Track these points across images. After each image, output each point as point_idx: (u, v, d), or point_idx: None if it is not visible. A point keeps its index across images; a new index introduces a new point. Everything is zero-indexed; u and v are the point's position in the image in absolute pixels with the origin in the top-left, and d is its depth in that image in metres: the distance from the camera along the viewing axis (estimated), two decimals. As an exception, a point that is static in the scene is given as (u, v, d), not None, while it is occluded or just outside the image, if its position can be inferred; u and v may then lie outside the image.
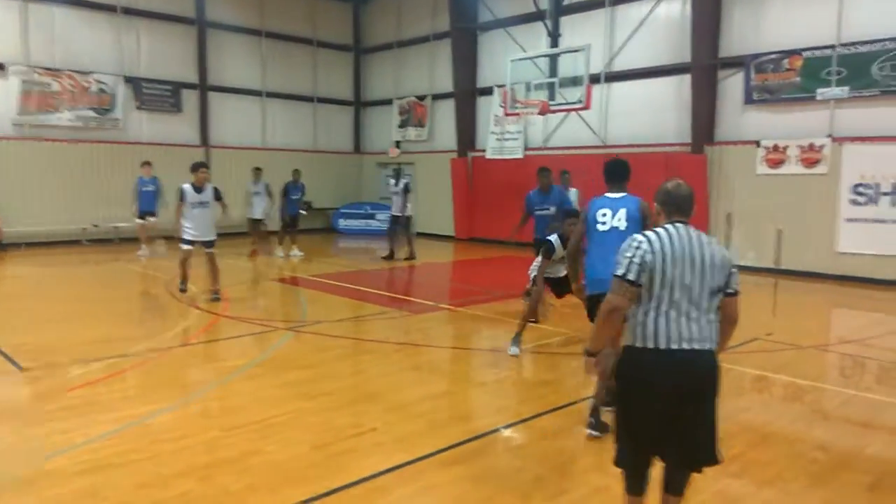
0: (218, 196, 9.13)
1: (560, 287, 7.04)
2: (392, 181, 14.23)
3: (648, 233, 2.91)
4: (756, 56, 12.59)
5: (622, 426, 3.02)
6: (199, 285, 9.45)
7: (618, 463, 3.07)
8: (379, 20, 20.80)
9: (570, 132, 15.71)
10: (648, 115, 14.31)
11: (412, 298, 10.12)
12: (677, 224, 2.93)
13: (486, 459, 4.12)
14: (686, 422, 2.86)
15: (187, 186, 8.88)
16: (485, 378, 6.09)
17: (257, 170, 14.35)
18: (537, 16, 14.64)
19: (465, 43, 17.78)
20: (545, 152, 16.11)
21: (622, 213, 4.76)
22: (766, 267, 12.50)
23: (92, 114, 16.06)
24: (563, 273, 6.62)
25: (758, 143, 12.63)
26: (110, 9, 16.23)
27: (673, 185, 3.02)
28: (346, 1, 20.88)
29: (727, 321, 2.97)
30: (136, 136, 16.85)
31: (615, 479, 3.20)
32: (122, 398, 5.17)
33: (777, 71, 12.36)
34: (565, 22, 14.38)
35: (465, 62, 17.80)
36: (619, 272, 2.85)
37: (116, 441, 4.24)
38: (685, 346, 2.80)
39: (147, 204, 13.77)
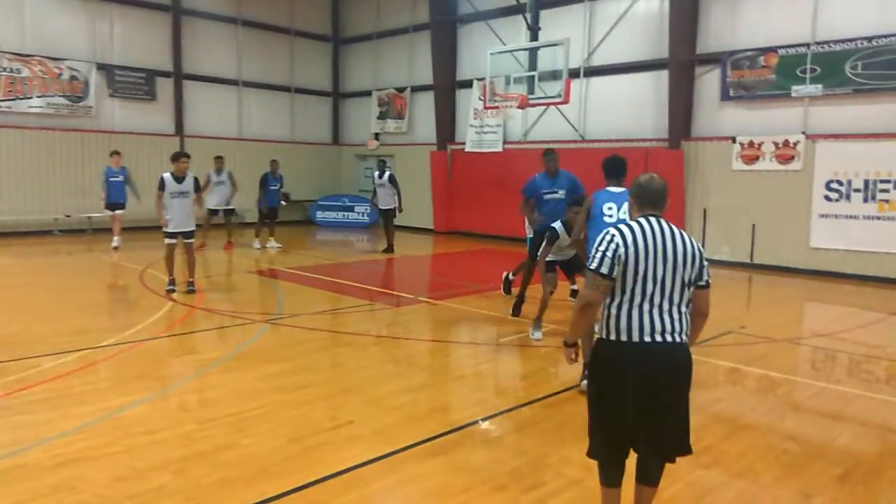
0: (197, 187, 9.06)
1: (570, 269, 7.34)
2: (376, 174, 14.09)
3: (621, 226, 2.93)
4: (733, 53, 12.72)
5: (596, 418, 3.04)
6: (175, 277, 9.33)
7: (592, 455, 3.09)
8: (358, 10, 20.63)
9: (550, 126, 15.76)
10: (627, 110, 14.40)
11: (391, 291, 10.10)
12: (650, 217, 2.95)
13: (464, 451, 4.13)
14: (659, 413, 2.89)
15: (167, 175, 8.73)
16: (463, 371, 6.10)
17: (219, 158, 13.90)
18: (517, 9, 14.63)
19: (444, 35, 17.72)
20: (524, 146, 16.16)
21: (626, 206, 4.95)
22: (741, 261, 12.70)
23: (64, 101, 15.74)
24: (571, 255, 6.95)
25: (733, 140, 12.79)
26: (83, -6, 15.89)
27: (646, 179, 3.04)
28: (324, -10, 20.68)
29: (698, 313, 3.01)
30: (108, 125, 16.55)
31: (590, 471, 3.23)
32: (95, 391, 5.09)
33: (753, 68, 12.51)
34: (545, 15, 14.38)
35: (445, 54, 17.75)
36: (593, 266, 2.88)
37: (90, 434, 4.18)
38: (658, 338, 2.83)
39: (117, 195, 13.37)
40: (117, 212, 13.35)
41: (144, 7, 17.00)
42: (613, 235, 2.88)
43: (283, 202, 14.23)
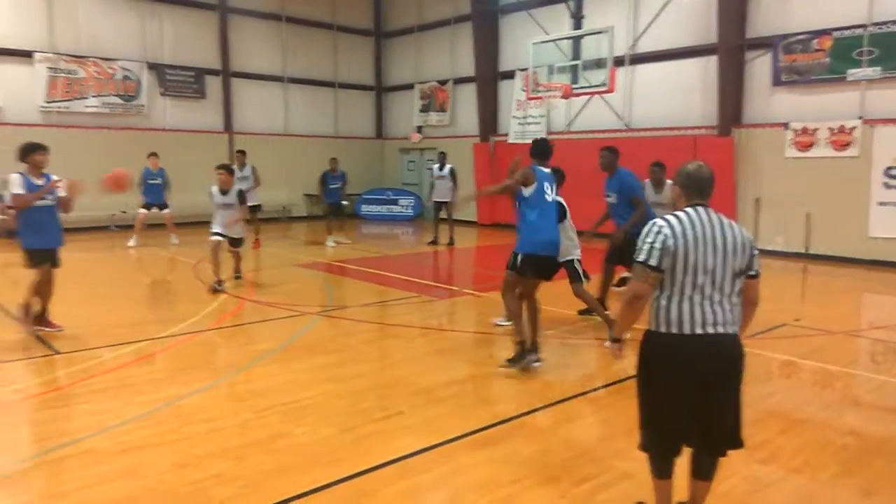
0: (242, 199, 9.03)
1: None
2: (436, 166, 14.09)
3: (669, 217, 2.87)
4: (784, 36, 12.33)
5: (647, 411, 3.02)
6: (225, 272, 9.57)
7: (644, 447, 3.07)
8: (400, 4, 20.70)
9: (594, 115, 15.57)
10: (674, 97, 14.11)
11: (436, 284, 10.16)
12: (698, 207, 2.90)
13: (513, 443, 4.14)
14: (712, 406, 2.85)
15: (214, 189, 8.95)
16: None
17: (240, 153, 13.61)
18: (560, -3, 14.46)
19: (486, 26, 17.65)
20: (568, 136, 15.99)
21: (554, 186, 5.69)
22: (795, 251, 12.34)
23: (117, 100, 16.27)
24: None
25: (786, 126, 12.41)
26: (134, -5, 16.36)
27: (694, 168, 2.97)
28: (366, -15, 20.81)
29: (749, 303, 2.98)
30: (160, 123, 17.04)
31: (641, 464, 3.20)
32: (154, 381, 5.28)
33: (806, 51, 12.10)
34: (589, 3, 14.19)
35: (487, 46, 17.67)
36: (641, 258, 2.83)
37: (151, 422, 4.34)
38: (710, 330, 2.79)
39: (154, 196, 13.56)
40: (154, 210, 13.53)
41: (192, 7, 17.41)
42: (662, 227, 2.82)
43: (344, 202, 14.12)
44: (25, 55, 14.98)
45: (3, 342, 6.28)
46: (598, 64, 12.45)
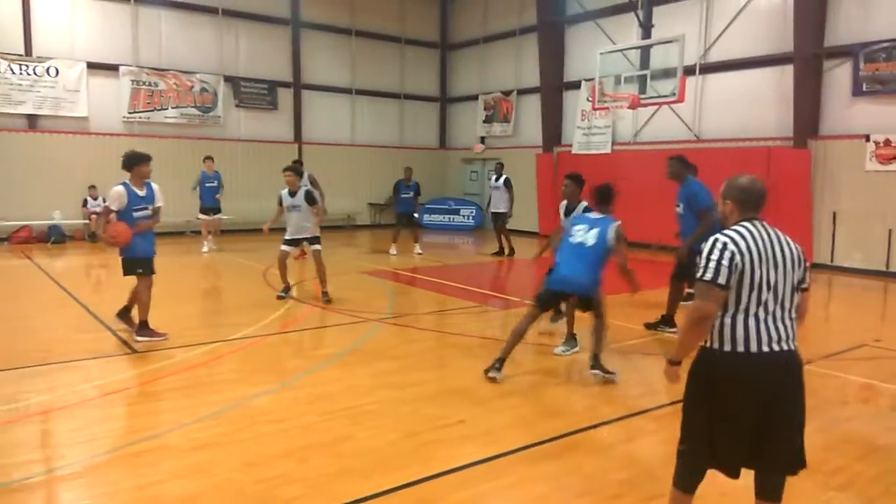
0: (310, 200, 8.83)
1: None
2: (494, 176, 14.11)
3: (730, 232, 2.78)
4: (866, 45, 11.80)
5: (694, 426, 2.91)
6: (294, 276, 9.82)
7: (680, 456, 2.99)
8: (465, 16, 20.89)
9: (662, 126, 15.27)
10: (746, 107, 13.70)
11: (497, 294, 10.14)
12: (755, 221, 2.84)
13: (575, 458, 4.09)
14: (776, 424, 2.77)
15: (283, 192, 8.90)
16: (570, 376, 6.04)
17: (296, 163, 13.17)
18: (628, 7, 14.27)
19: (552, 36, 17.59)
20: (634, 147, 15.74)
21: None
22: (876, 269, 11.75)
23: (195, 111, 17.01)
24: None
25: (867, 138, 11.85)
26: (212, 11, 17.11)
27: (748, 181, 2.90)
28: (433, -2, 21.09)
29: (799, 317, 2.92)
30: (234, 133, 17.71)
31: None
32: (224, 381, 5.48)
33: (889, 60, 11.55)
34: (658, 12, 13.96)
35: (552, 56, 17.60)
36: (708, 277, 2.72)
37: (222, 421, 4.51)
38: (775, 347, 2.73)
39: (210, 200, 13.83)
40: (213, 216, 13.93)
41: (266, 22, 18.05)
42: (726, 243, 2.73)
43: (415, 214, 14.20)
44: (112, 68, 15.87)
45: (84, 341, 6.65)
46: (667, 73, 12.21)
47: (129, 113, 16.17)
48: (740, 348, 2.74)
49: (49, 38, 15.16)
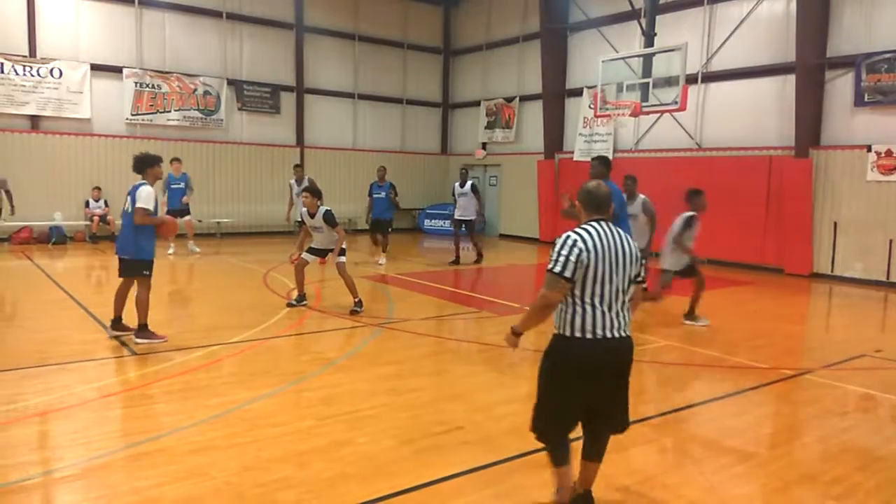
0: (330, 221, 8.33)
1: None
2: (457, 183, 13.46)
3: (580, 230, 3.15)
4: (868, 55, 11.83)
5: (546, 404, 3.33)
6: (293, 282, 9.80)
7: (535, 430, 3.40)
8: (469, 22, 20.95)
9: (663, 134, 15.29)
10: (748, 117, 13.73)
11: (496, 300, 10.14)
12: (600, 222, 3.20)
13: (573, 465, 4.07)
14: (610, 396, 3.26)
15: (303, 210, 8.54)
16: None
17: (297, 167, 13.09)
18: (631, 15, 14.32)
19: (555, 44, 17.64)
20: (636, 155, 15.76)
21: None
22: (876, 280, 11.75)
23: (198, 114, 17.04)
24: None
25: (869, 148, 11.87)
26: (216, 14, 17.16)
27: (594, 186, 3.30)
28: (436, 4, 21.15)
29: (634, 305, 3.39)
30: (237, 137, 17.74)
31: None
32: (223, 384, 5.47)
33: (891, 71, 11.58)
34: (661, 20, 13.99)
35: (555, 63, 17.65)
36: (556, 269, 3.10)
37: (220, 424, 4.50)
38: (610, 334, 3.13)
39: (176, 202, 13.30)
40: (180, 218, 13.02)
41: (270, 25, 18.11)
42: (576, 240, 3.10)
43: (391, 218, 13.34)
44: (116, 70, 15.91)
45: (82, 342, 6.64)
46: (669, 82, 12.23)
47: (132, 115, 16.20)
48: (578, 334, 3.14)
49: (53, 40, 15.21)
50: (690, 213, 8.05)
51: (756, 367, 6.46)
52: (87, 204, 15.40)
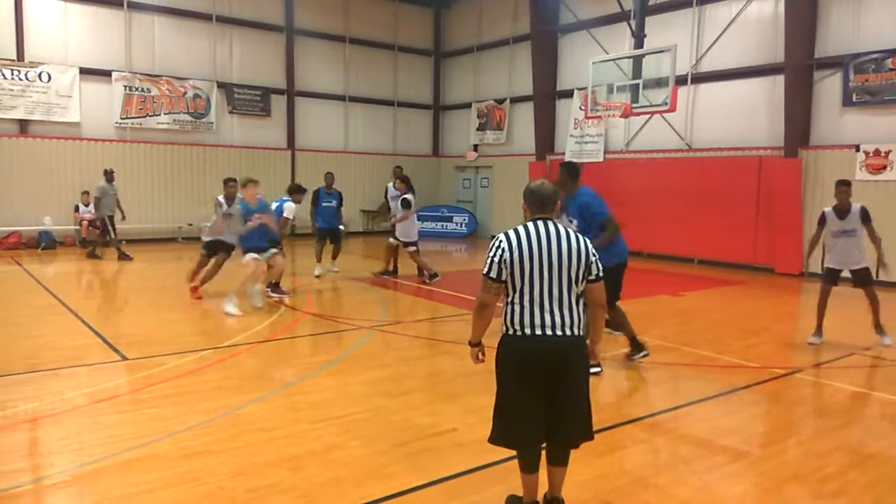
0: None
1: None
2: (390, 184, 12.44)
3: (509, 232, 3.18)
4: (856, 56, 11.93)
5: (499, 403, 3.25)
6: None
7: (492, 440, 3.30)
8: (459, 24, 20.98)
9: (654, 135, 15.35)
10: (738, 117, 13.80)
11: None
12: (538, 221, 3.20)
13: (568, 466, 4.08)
14: (556, 401, 3.13)
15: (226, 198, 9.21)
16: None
17: (295, 186, 11.32)
18: (621, 16, 14.38)
19: (545, 45, 17.68)
20: (626, 155, 15.81)
21: None
22: (865, 278, 11.80)
23: (188, 117, 16.97)
24: None
25: (857, 148, 11.96)
26: (205, 17, 17.11)
27: (536, 185, 3.28)
28: (427, 6, 21.16)
29: (594, 305, 3.29)
30: (227, 140, 17.68)
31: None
32: (215, 388, 5.43)
33: (879, 71, 11.68)
34: (650, 22, 14.06)
35: (546, 65, 17.70)
36: (484, 271, 3.17)
37: (212, 429, 4.48)
38: (547, 332, 3.09)
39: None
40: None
41: (260, 28, 18.07)
42: (501, 241, 3.16)
43: (341, 226, 12.26)
44: (105, 74, 15.83)
45: (73, 347, 6.60)
46: (659, 83, 12.30)
47: (122, 119, 16.11)
48: (518, 332, 3.13)
49: (42, 44, 15.12)
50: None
51: (748, 366, 6.49)
52: (76, 208, 15.29)
